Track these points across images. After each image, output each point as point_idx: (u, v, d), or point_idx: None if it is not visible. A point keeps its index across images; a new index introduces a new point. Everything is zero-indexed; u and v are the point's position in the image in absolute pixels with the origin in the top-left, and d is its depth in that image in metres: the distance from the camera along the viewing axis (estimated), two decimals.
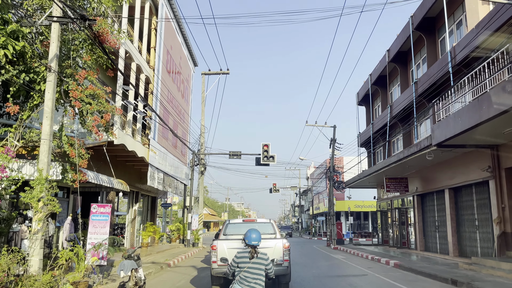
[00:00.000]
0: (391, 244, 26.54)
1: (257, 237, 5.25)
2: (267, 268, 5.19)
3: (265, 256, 5.25)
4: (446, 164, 18.09)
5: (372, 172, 22.97)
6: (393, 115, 23.82)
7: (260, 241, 5.29)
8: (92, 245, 11.00)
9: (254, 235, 5.23)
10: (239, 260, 5.19)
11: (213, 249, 10.23)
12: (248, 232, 5.30)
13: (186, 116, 29.26)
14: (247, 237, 5.25)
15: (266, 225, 11.26)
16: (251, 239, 5.21)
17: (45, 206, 8.68)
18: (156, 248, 23.18)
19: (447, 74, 16.73)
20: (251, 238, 5.21)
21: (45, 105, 8.85)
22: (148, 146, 19.53)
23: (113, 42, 10.33)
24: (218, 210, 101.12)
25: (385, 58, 25.44)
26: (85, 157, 10.43)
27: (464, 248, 17.55)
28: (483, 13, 15.65)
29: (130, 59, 17.51)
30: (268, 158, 25.35)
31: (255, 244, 5.20)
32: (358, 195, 45.83)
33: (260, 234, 5.36)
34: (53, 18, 8.99)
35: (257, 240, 5.23)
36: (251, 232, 5.28)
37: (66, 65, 10.02)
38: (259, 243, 5.27)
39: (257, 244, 5.22)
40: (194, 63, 32.42)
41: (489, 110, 10.89)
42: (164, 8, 21.11)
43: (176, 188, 26.87)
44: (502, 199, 14.60)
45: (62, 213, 14.81)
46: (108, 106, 10.30)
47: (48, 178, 8.75)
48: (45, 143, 8.77)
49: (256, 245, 5.22)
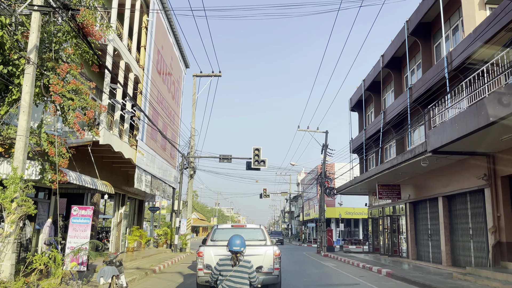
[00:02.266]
0: (382, 252, 26.16)
1: (241, 243, 5.00)
2: (251, 276, 4.96)
3: (248, 264, 4.98)
4: (440, 172, 17.77)
5: (365, 179, 22.61)
6: (386, 121, 23.53)
7: (243, 247, 5.02)
8: (71, 250, 10.40)
9: (237, 241, 5.00)
10: (221, 268, 4.98)
11: (199, 255, 9.77)
12: (231, 238, 5.07)
13: (176, 118, 28.68)
14: (229, 243, 5.05)
15: (255, 231, 10.85)
16: (233, 244, 4.98)
17: (19, 207, 8.07)
18: (142, 253, 22.50)
19: (443, 80, 16.46)
20: (232, 244, 4.99)
21: (22, 99, 8.28)
22: (135, 148, 18.93)
23: (98, 35, 9.78)
24: (208, 215, 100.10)
25: (379, 63, 25.20)
26: (66, 156, 9.84)
27: (458, 257, 17.20)
28: (480, 19, 15.43)
29: (118, 57, 16.95)
30: (259, 162, 24.85)
31: (236, 250, 4.95)
32: (349, 202, 45.56)
33: (244, 240, 5.11)
34: (33, 7, 8.46)
35: (240, 246, 4.97)
36: (234, 238, 5.06)
37: (47, 57, 9.46)
38: (242, 249, 5.01)
39: (239, 250, 4.96)
40: (185, 64, 31.89)
41: (488, 115, 10.57)
42: (156, 6, 20.63)
43: (164, 192, 26.22)
44: (497, 208, 14.28)
45: (43, 215, 14.13)
46: (92, 103, 9.75)
47: (23, 177, 8.16)
48: (21, 139, 8.18)
49: (238, 251, 4.96)
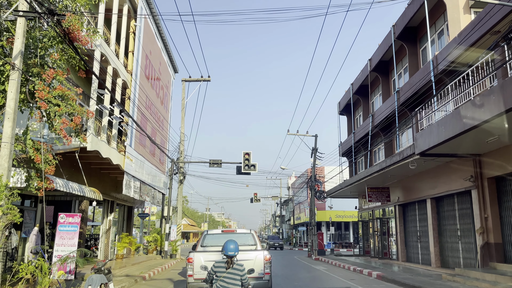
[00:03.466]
0: (372, 255, 26.27)
1: (235, 247, 5.50)
2: (243, 278, 5.44)
3: (241, 267, 5.46)
4: (428, 174, 17.94)
5: (354, 182, 22.72)
6: (374, 124, 23.72)
7: (237, 251, 5.51)
8: (58, 258, 10.24)
9: (231, 245, 5.50)
10: (216, 269, 5.51)
11: (189, 261, 9.70)
12: (225, 243, 5.56)
13: (165, 123, 28.53)
14: (224, 247, 5.56)
15: (246, 236, 10.81)
16: (228, 249, 5.48)
17: (5, 215, 7.93)
18: (131, 260, 22.26)
19: (430, 83, 16.66)
20: (227, 249, 5.49)
21: (7, 105, 8.16)
22: (124, 153, 18.76)
23: (85, 40, 9.68)
24: (198, 220, 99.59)
25: (366, 67, 25.43)
26: (53, 163, 9.69)
27: (446, 258, 17.35)
28: (465, 23, 15.69)
29: (106, 62, 16.82)
30: (249, 167, 24.83)
31: (231, 254, 5.46)
32: (340, 205, 45.70)
33: (237, 245, 5.59)
34: (18, 12, 8.36)
35: (234, 251, 5.48)
36: (228, 243, 5.54)
37: (32, 63, 9.34)
38: (236, 254, 5.50)
39: (233, 255, 5.46)
40: (174, 69, 31.79)
41: (470, 119, 10.72)
42: (143, 11, 20.55)
43: (154, 198, 26.02)
44: (485, 209, 14.45)
45: (29, 223, 13.91)
46: (79, 109, 9.64)
47: (8, 185, 8.02)
48: (5, 146, 8.05)
49: (233, 255, 5.46)
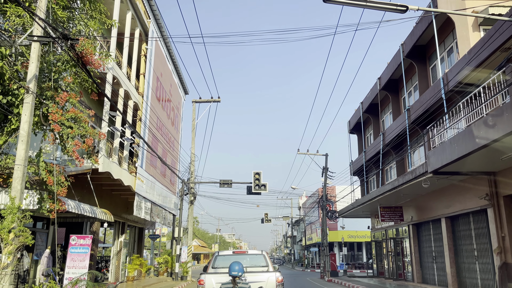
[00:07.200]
0: (386, 276, 25.66)
1: (239, 268, 5.57)
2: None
3: (246, 286, 5.63)
4: (442, 192, 17.63)
5: (366, 201, 22.42)
6: (385, 143, 23.53)
7: (241, 272, 5.56)
8: (69, 280, 10.19)
9: (236, 266, 5.58)
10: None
11: (200, 283, 9.54)
12: (231, 264, 5.66)
13: (176, 144, 28.71)
14: (229, 268, 5.65)
15: (257, 257, 10.64)
16: (232, 270, 5.57)
17: (17, 237, 7.96)
18: (142, 282, 22.06)
19: (440, 101, 16.55)
20: (231, 269, 5.58)
21: (21, 128, 8.29)
22: (135, 174, 18.85)
23: (97, 64, 9.89)
24: (209, 241, 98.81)
25: (376, 86, 25.43)
26: (65, 185, 9.77)
27: (464, 280, 16.85)
28: (474, 40, 15.68)
29: (118, 84, 17.11)
30: (259, 187, 24.72)
31: (234, 274, 5.52)
32: (352, 225, 45.05)
33: (242, 265, 5.66)
34: (33, 37, 8.58)
35: (238, 271, 5.54)
36: (233, 264, 5.63)
37: (46, 86, 9.53)
38: (240, 274, 5.55)
39: (236, 275, 5.52)
40: (184, 91, 32.19)
41: (487, 135, 10.57)
42: (155, 34, 20.98)
43: (165, 219, 25.96)
44: (501, 228, 14.09)
45: (41, 245, 13.92)
46: (91, 130, 9.76)
47: (21, 207, 8.07)
48: (19, 168, 8.14)
49: (236, 275, 5.52)
